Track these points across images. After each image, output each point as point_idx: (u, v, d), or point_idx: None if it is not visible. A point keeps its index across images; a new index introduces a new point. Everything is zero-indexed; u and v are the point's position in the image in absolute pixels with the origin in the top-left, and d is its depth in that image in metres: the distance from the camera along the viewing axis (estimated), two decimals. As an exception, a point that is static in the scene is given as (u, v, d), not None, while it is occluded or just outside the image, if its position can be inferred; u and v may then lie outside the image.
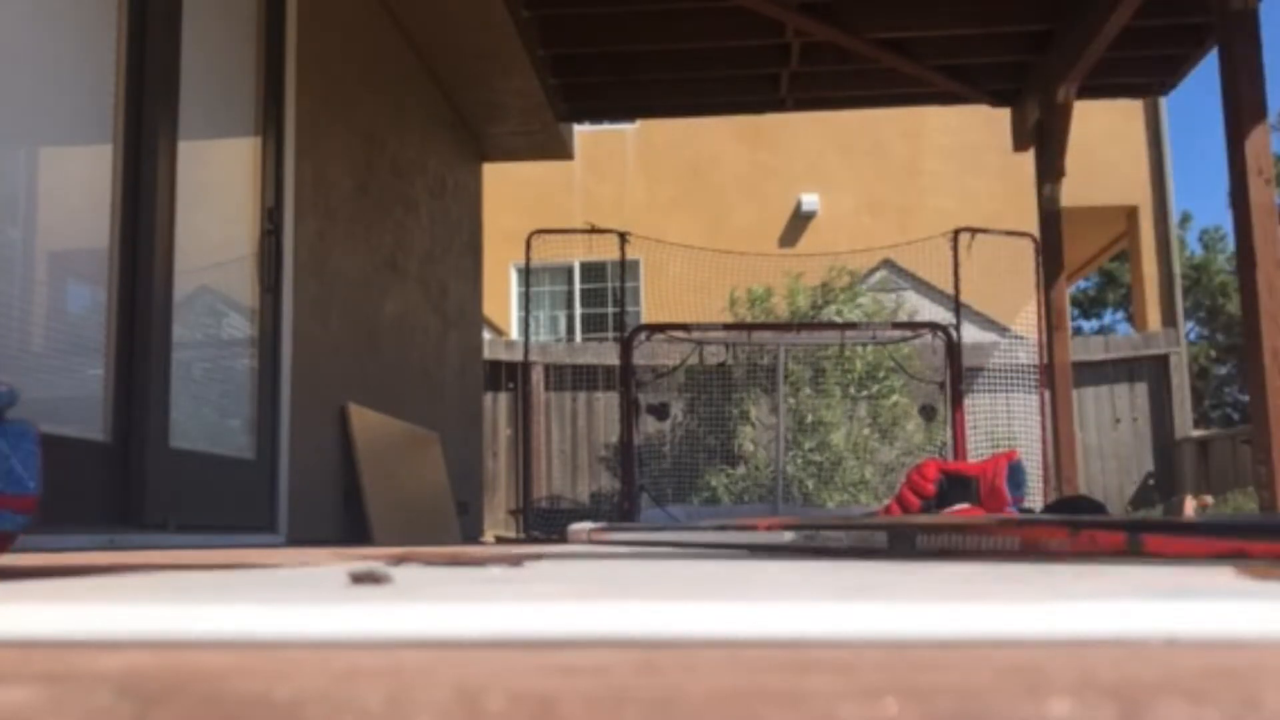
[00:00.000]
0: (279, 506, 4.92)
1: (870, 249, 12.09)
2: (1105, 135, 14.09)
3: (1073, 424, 8.23)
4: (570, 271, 15.42)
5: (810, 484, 10.40)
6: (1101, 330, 27.86)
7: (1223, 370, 26.36)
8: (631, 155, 15.95)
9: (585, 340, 14.72)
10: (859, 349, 10.50)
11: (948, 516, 4.48)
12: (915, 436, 10.50)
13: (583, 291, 15.63)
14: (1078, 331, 24.52)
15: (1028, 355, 9.60)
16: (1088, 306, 28.75)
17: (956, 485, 5.79)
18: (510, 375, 11.52)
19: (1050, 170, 8.08)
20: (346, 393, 5.87)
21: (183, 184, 4.19)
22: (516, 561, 1.42)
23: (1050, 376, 8.09)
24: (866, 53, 7.92)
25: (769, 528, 2.25)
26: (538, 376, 11.52)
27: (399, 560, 1.47)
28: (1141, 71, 8.65)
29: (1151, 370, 12.08)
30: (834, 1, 7.58)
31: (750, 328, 10.07)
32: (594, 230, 9.10)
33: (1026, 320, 9.71)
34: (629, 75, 8.72)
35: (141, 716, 0.44)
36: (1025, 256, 8.96)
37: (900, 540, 1.77)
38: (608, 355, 11.16)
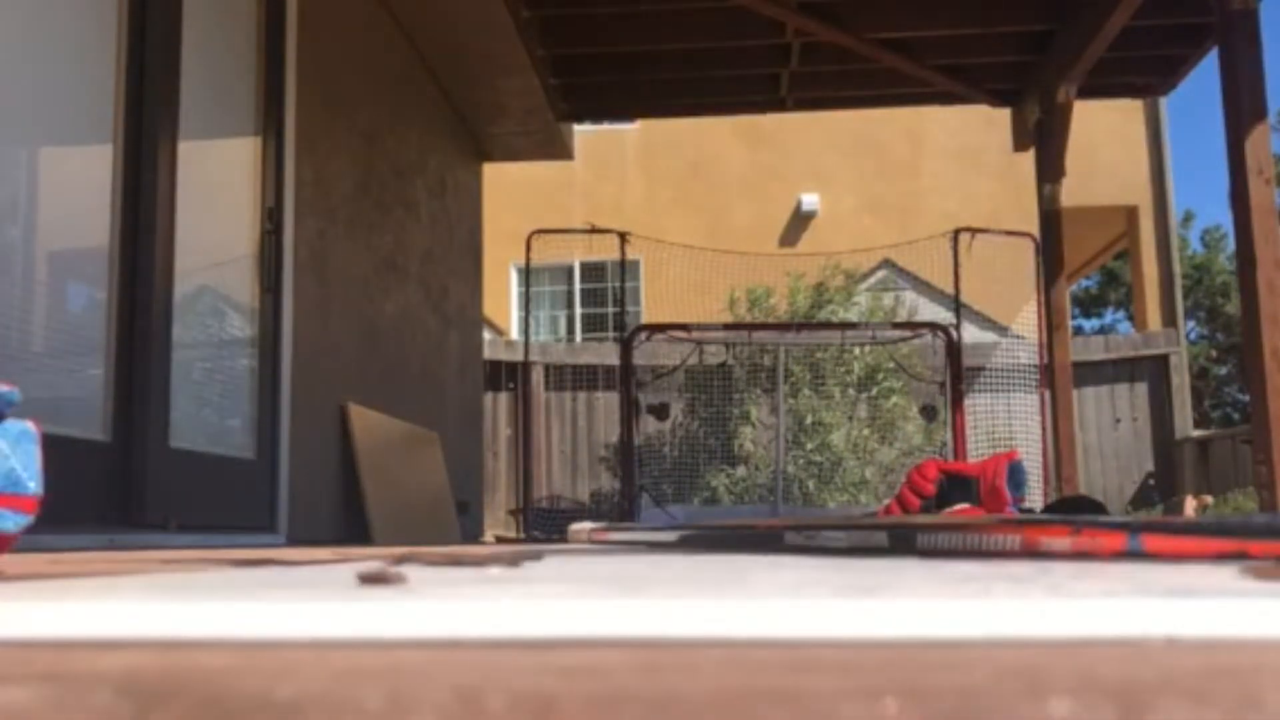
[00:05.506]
0: (279, 506, 4.92)
1: (870, 249, 12.09)
2: (1105, 135, 14.09)
3: (1073, 424, 8.23)
4: (570, 271, 15.42)
5: (811, 484, 10.40)
6: (1102, 329, 27.83)
7: (1223, 370, 26.33)
8: (631, 155, 15.95)
9: (585, 340, 14.72)
10: (859, 349, 10.51)
11: (948, 516, 4.48)
12: (915, 437, 10.50)
13: (583, 291, 15.63)
14: (1078, 330, 24.49)
15: (1028, 355, 9.60)
16: (1089, 305, 28.72)
17: (956, 485, 5.80)
18: (510, 375, 11.52)
19: (1050, 170, 8.08)
20: (346, 393, 5.87)
21: (183, 184, 4.19)
22: (516, 561, 1.42)
23: (1050, 376, 8.09)
24: (867, 53, 7.93)
25: (768, 529, 2.25)
26: (538, 376, 11.52)
27: (399, 560, 1.47)
28: (1141, 71, 8.65)
29: (1151, 370, 12.08)
30: (834, 1, 7.58)
31: (750, 328, 10.08)
32: (594, 230, 9.10)
33: (1026, 320, 9.71)
34: (629, 75, 8.73)
35: (141, 716, 0.44)
36: (1025, 256, 8.97)
37: (900, 540, 1.77)
38: (608, 355, 11.16)
